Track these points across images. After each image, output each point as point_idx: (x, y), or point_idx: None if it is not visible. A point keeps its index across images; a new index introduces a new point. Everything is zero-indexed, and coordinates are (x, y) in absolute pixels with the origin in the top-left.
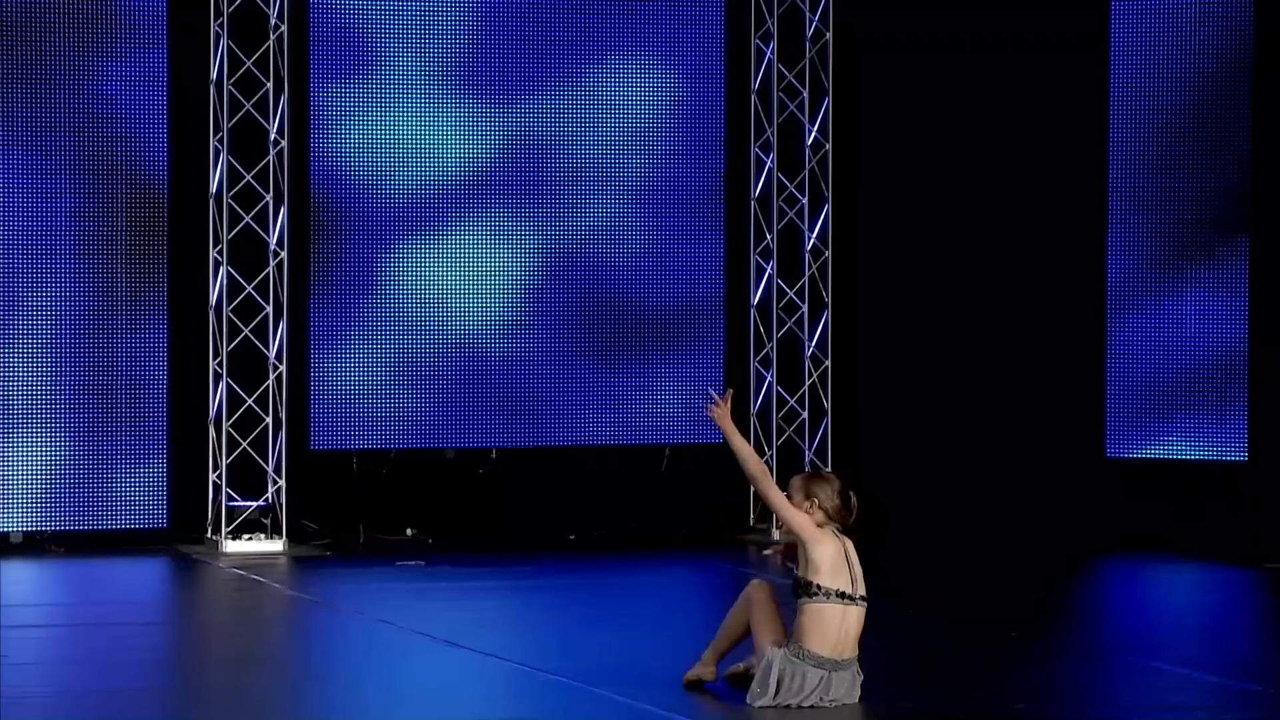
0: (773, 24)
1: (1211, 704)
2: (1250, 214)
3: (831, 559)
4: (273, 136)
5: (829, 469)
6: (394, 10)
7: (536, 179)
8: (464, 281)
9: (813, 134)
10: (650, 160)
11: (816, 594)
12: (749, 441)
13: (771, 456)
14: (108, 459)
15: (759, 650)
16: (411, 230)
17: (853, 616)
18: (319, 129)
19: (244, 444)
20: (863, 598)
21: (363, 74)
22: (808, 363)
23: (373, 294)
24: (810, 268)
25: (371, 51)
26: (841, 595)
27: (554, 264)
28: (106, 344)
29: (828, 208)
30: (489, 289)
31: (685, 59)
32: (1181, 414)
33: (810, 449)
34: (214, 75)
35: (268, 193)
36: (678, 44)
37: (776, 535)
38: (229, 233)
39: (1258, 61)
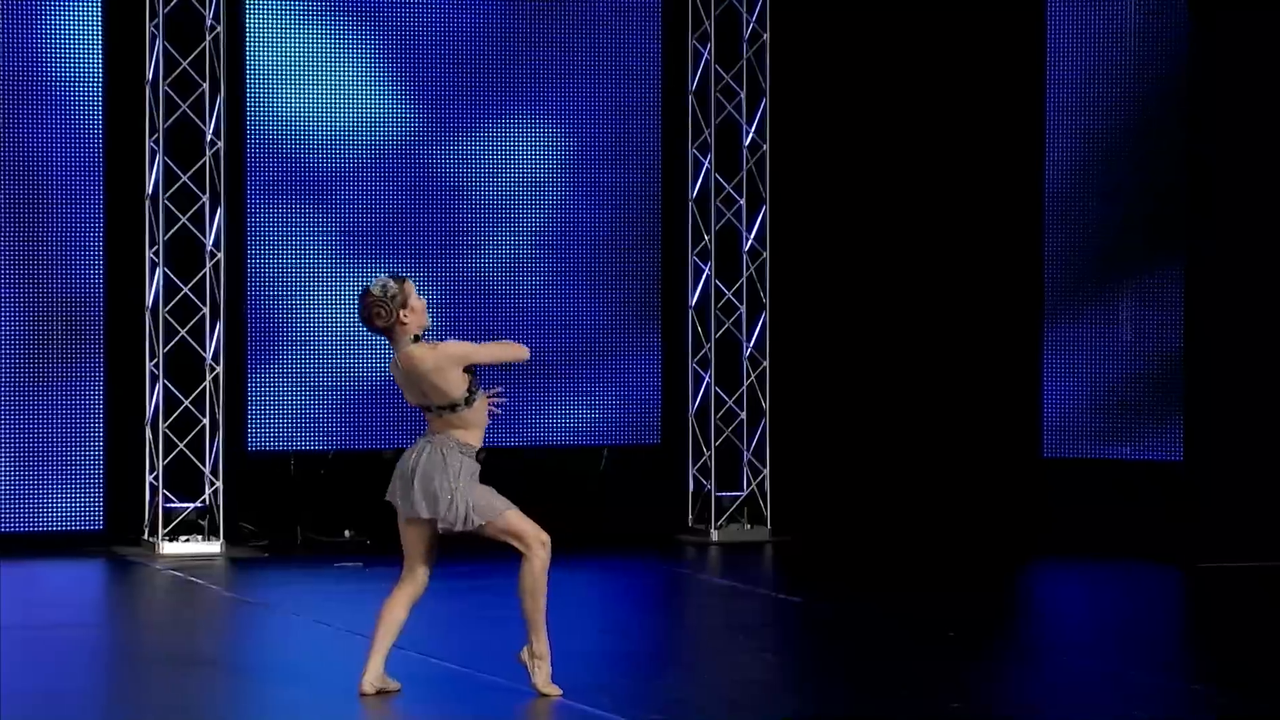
0: (710, 25)
1: (1146, 704)
2: (1187, 215)
3: None
4: (209, 138)
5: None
6: (331, 13)
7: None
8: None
9: (750, 135)
10: (587, 161)
11: (476, 394)
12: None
13: (710, 457)
14: (43, 461)
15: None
16: (354, 225)
17: None
18: (255, 130)
19: (181, 445)
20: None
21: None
22: (746, 363)
23: (313, 285)
24: (748, 269)
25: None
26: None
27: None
28: (43, 345)
29: (765, 209)
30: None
31: (621, 59)
32: (1117, 414)
33: (749, 449)
34: (149, 76)
35: (204, 194)
36: (614, 44)
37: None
38: (165, 234)
39: (1194, 69)
